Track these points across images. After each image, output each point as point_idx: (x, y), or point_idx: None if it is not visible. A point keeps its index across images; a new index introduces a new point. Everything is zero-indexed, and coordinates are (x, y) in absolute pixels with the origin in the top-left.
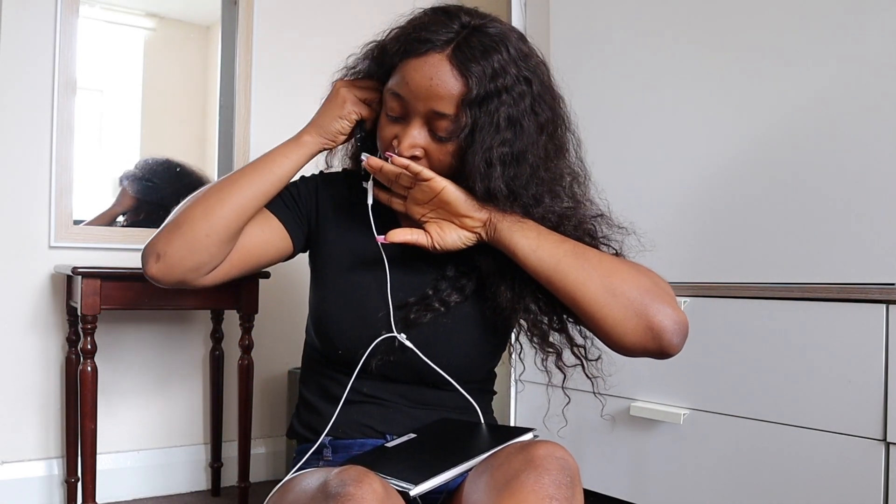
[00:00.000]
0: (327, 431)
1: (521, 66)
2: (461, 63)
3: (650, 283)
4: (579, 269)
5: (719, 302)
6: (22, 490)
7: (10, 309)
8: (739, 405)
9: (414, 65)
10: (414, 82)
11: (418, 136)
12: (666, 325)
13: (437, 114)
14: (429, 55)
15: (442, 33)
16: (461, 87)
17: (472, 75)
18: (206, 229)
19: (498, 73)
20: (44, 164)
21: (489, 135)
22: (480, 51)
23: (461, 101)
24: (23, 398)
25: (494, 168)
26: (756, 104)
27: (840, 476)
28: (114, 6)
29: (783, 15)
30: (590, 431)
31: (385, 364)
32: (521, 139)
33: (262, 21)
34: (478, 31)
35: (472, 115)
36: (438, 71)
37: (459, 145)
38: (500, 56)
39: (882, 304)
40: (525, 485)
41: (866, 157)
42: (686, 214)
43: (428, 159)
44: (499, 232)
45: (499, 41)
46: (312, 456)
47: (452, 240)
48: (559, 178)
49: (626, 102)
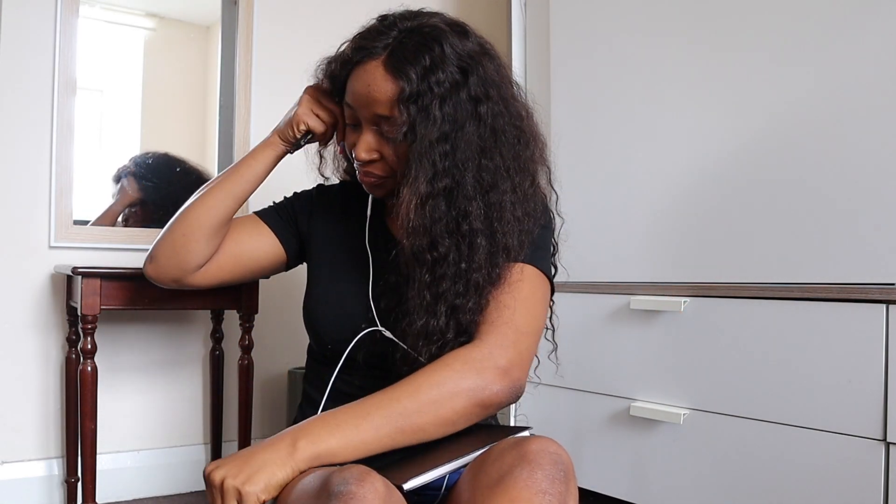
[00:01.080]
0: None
1: (457, 60)
2: (394, 66)
3: (456, 385)
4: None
5: (719, 302)
6: (22, 490)
7: (10, 309)
8: (739, 405)
9: (355, 74)
10: (356, 90)
11: (371, 141)
12: (496, 393)
13: (379, 117)
14: (367, 63)
15: (380, 40)
16: (395, 89)
17: (404, 76)
18: (183, 229)
19: (429, 70)
20: (44, 164)
21: (426, 128)
22: (413, 51)
23: (398, 101)
24: (23, 398)
25: (431, 161)
26: (756, 103)
27: (840, 476)
28: (114, 6)
29: (785, 14)
30: (590, 431)
31: (371, 356)
32: (456, 134)
33: (262, 21)
34: (413, 33)
35: (410, 113)
36: (374, 77)
37: (408, 144)
38: (433, 53)
39: (882, 304)
40: (518, 480)
41: (867, 157)
42: (686, 214)
43: (385, 162)
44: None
45: (433, 39)
46: None
47: None
48: (505, 171)
49: (626, 101)
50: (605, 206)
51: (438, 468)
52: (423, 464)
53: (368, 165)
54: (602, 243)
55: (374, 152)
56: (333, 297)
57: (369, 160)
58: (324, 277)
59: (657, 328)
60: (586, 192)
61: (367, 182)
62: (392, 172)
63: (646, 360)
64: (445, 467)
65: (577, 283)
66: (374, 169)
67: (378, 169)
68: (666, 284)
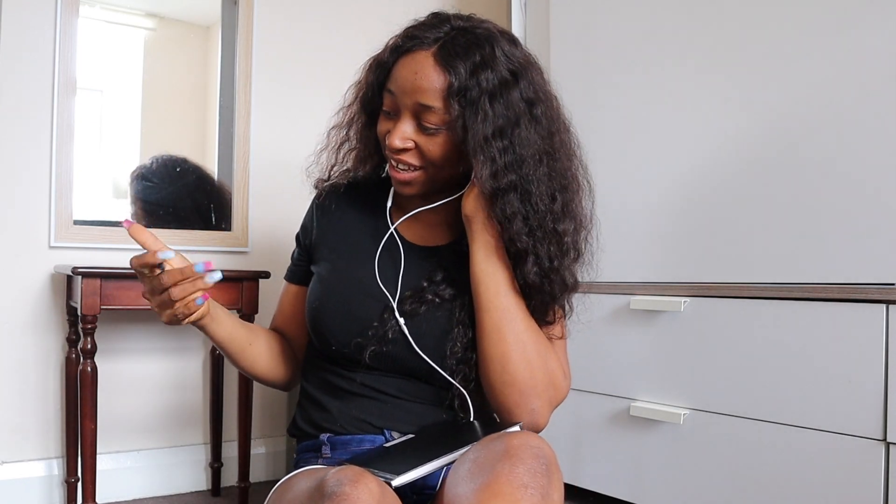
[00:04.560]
0: (327, 427)
1: (507, 62)
2: (445, 58)
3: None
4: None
5: (719, 302)
6: (22, 490)
7: (10, 309)
8: (739, 405)
9: (403, 62)
10: (401, 77)
11: (407, 129)
12: (539, 421)
13: (422, 106)
14: (416, 52)
15: (431, 33)
16: (444, 81)
17: (454, 69)
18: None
19: (480, 68)
20: (44, 164)
21: (477, 124)
22: (465, 47)
23: (446, 93)
24: (23, 398)
25: (490, 157)
26: (756, 103)
27: (840, 476)
28: (114, 6)
29: (783, 13)
30: (590, 431)
31: (378, 355)
32: (512, 131)
33: (262, 21)
34: (466, 32)
35: (460, 106)
36: (423, 66)
37: (451, 139)
38: (483, 52)
39: (882, 304)
40: (500, 475)
41: (867, 157)
42: (686, 214)
43: (418, 150)
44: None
45: (484, 40)
46: (312, 453)
47: None
48: (554, 178)
49: (626, 101)
50: (605, 206)
51: (428, 463)
52: (413, 461)
53: (401, 154)
54: (602, 243)
55: (408, 140)
56: (340, 297)
57: (402, 148)
58: (327, 275)
59: (657, 328)
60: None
61: (400, 177)
62: (424, 163)
63: (646, 360)
64: (435, 462)
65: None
66: (408, 157)
67: (411, 157)
68: (666, 284)
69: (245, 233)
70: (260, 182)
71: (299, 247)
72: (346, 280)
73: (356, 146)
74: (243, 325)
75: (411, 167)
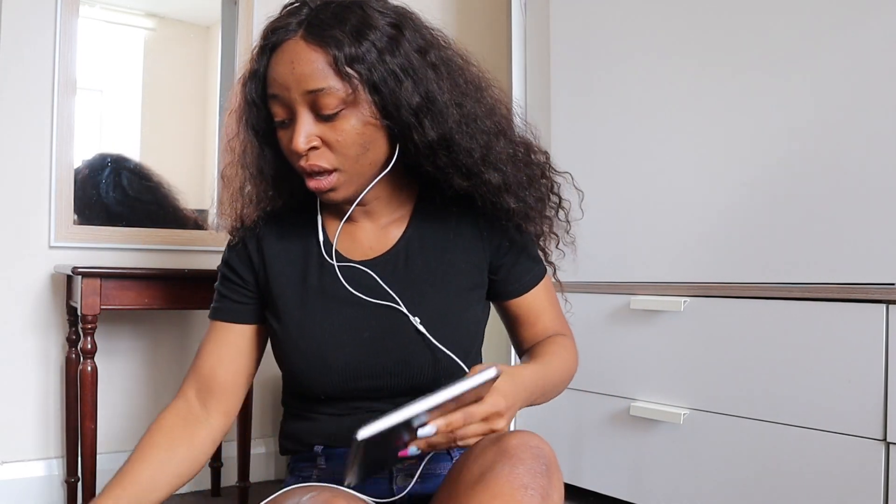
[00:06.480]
0: (318, 441)
1: (384, 18)
2: (317, 35)
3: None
4: (553, 389)
5: (719, 302)
6: (22, 490)
7: (10, 309)
8: (739, 405)
9: (274, 60)
10: (280, 74)
11: (307, 125)
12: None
13: (313, 92)
14: (284, 44)
15: (292, 19)
16: (326, 57)
17: (332, 41)
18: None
19: (360, 31)
20: (44, 164)
21: (395, 86)
22: (334, 17)
23: (335, 68)
24: (23, 398)
25: (424, 116)
26: (756, 103)
27: (840, 476)
28: (114, 6)
29: (785, 13)
30: (590, 431)
31: (367, 389)
32: (423, 83)
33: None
34: (327, 4)
35: (359, 74)
36: (296, 52)
37: (356, 117)
38: (354, 16)
39: (882, 304)
40: (500, 476)
41: (866, 157)
42: (685, 214)
43: (328, 148)
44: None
45: (349, 4)
46: (306, 465)
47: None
48: (486, 114)
49: (627, 102)
50: (605, 206)
51: (394, 413)
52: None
53: (312, 159)
54: (602, 243)
55: (313, 138)
56: (315, 352)
57: (309, 147)
58: (290, 325)
59: (657, 328)
60: (586, 193)
61: (319, 185)
62: (338, 161)
63: (646, 360)
64: (398, 413)
65: (577, 282)
66: (318, 160)
67: (322, 158)
68: (666, 284)
69: None
70: None
71: (236, 278)
72: (309, 328)
73: (262, 175)
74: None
75: (326, 171)
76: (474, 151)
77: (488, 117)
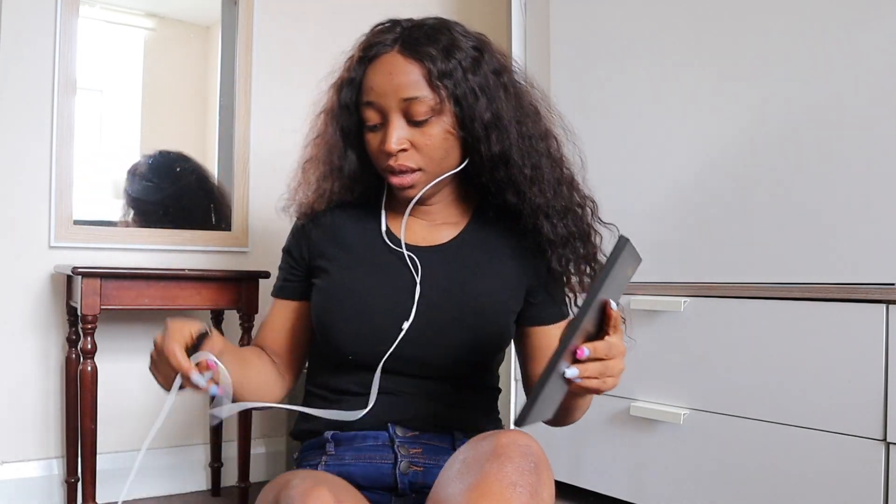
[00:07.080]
0: (331, 425)
1: (468, 41)
2: (412, 50)
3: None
4: (579, 413)
5: (719, 302)
6: (22, 490)
7: (10, 309)
8: (739, 405)
9: (372, 70)
10: (377, 83)
11: (400, 130)
12: None
13: (408, 100)
14: (382, 56)
15: (387, 36)
16: (421, 69)
17: (425, 56)
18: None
19: (449, 49)
20: (44, 164)
21: (473, 102)
22: (426, 37)
23: (428, 79)
24: (23, 398)
25: (492, 132)
26: (756, 104)
27: (840, 476)
28: (114, 6)
29: (785, 13)
30: (590, 431)
31: (393, 358)
32: (494, 102)
33: (261, 21)
34: (418, 27)
35: (447, 88)
36: (395, 64)
37: (443, 126)
38: (444, 37)
39: (882, 304)
40: (489, 474)
41: (866, 157)
42: (686, 214)
43: (416, 150)
44: None
45: (439, 27)
46: (316, 451)
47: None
48: (540, 136)
49: (626, 101)
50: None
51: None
52: None
53: (401, 159)
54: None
55: (404, 141)
56: (356, 309)
57: (400, 149)
58: (337, 286)
59: (657, 328)
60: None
61: (401, 182)
62: (423, 162)
63: (646, 360)
64: (585, 303)
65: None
66: (407, 160)
67: (410, 160)
68: (666, 284)
69: (245, 233)
70: (260, 182)
71: (292, 260)
72: (358, 290)
73: (341, 172)
74: (242, 368)
75: (411, 170)
76: (525, 168)
77: (542, 140)
